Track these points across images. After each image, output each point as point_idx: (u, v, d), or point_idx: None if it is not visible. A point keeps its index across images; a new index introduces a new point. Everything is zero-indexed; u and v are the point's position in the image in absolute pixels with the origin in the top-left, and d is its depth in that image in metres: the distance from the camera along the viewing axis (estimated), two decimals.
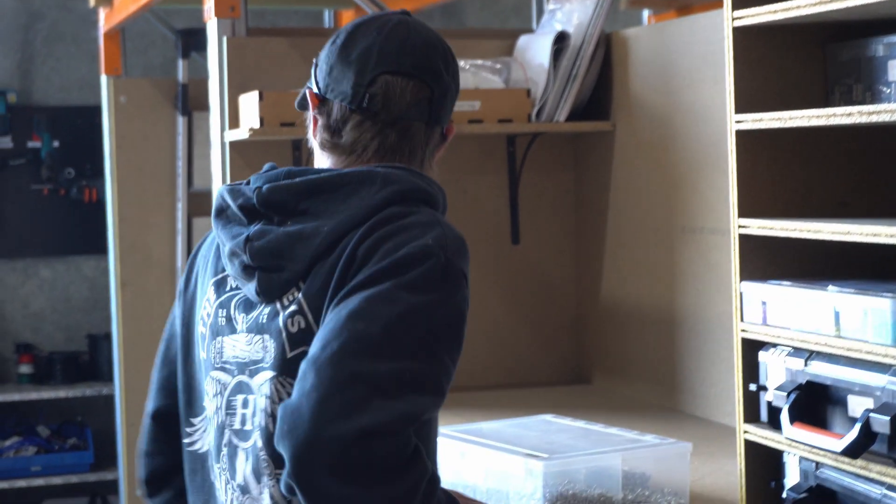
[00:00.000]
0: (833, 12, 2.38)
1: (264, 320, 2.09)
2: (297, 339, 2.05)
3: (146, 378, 5.83)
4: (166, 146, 5.95)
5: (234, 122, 4.05)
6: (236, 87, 4.06)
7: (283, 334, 2.07)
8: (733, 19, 2.61)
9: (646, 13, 5.80)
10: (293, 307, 2.05)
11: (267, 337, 2.09)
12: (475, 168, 4.28)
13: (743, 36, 2.62)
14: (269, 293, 2.09)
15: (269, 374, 2.08)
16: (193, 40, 5.85)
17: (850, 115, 2.31)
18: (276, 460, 2.06)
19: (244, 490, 2.11)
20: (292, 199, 2.09)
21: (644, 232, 3.96)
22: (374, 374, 1.87)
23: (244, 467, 2.12)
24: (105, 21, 5.92)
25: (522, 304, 4.35)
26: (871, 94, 2.54)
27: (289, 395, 2.02)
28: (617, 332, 4.14)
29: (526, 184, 4.30)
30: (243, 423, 2.12)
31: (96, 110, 6.32)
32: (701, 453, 3.27)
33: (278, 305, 2.08)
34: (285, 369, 2.07)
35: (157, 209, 5.92)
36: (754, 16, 2.55)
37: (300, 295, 2.05)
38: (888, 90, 2.49)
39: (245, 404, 2.12)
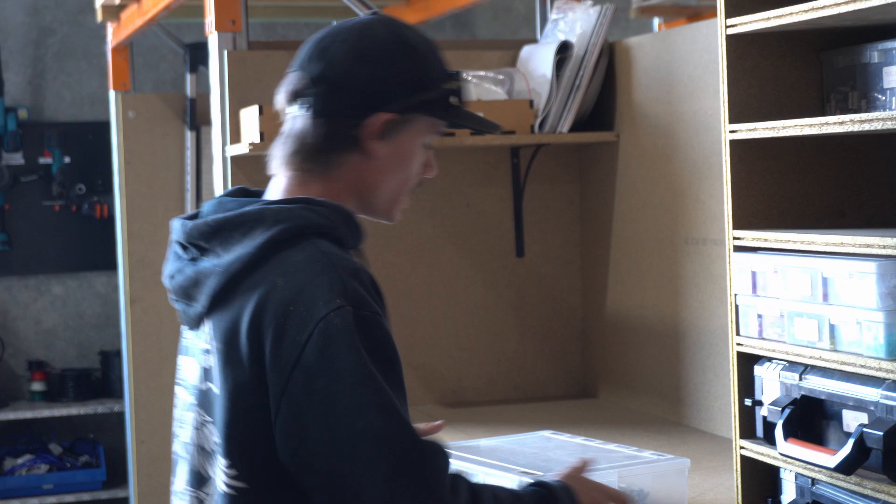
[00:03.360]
0: (826, 18, 2.33)
1: (193, 346, 2.16)
2: (207, 376, 2.10)
3: (156, 395, 5.87)
4: (175, 161, 5.93)
5: (236, 137, 4.02)
6: (237, 102, 4.04)
7: (199, 366, 2.13)
8: (727, 27, 2.56)
9: (656, 21, 5.76)
10: (206, 345, 2.09)
11: (193, 361, 2.15)
12: (479, 180, 4.24)
13: (736, 44, 2.58)
14: (189, 323, 2.16)
15: (192, 399, 2.16)
16: (201, 54, 5.82)
17: (842, 123, 2.26)
18: (197, 479, 2.15)
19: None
20: (203, 237, 2.10)
21: (648, 243, 3.91)
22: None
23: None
24: (113, 36, 5.90)
25: (528, 318, 4.30)
26: (866, 102, 2.48)
27: (203, 424, 2.11)
28: (622, 344, 4.09)
29: (531, 195, 4.26)
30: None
31: (107, 126, 6.30)
32: (703, 468, 3.22)
33: (199, 337, 2.13)
34: (199, 398, 2.13)
35: (166, 225, 5.82)
36: (747, 23, 2.51)
37: (209, 335, 2.08)
38: (883, 97, 2.44)
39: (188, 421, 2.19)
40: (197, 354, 2.12)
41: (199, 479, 2.12)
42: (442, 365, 4.22)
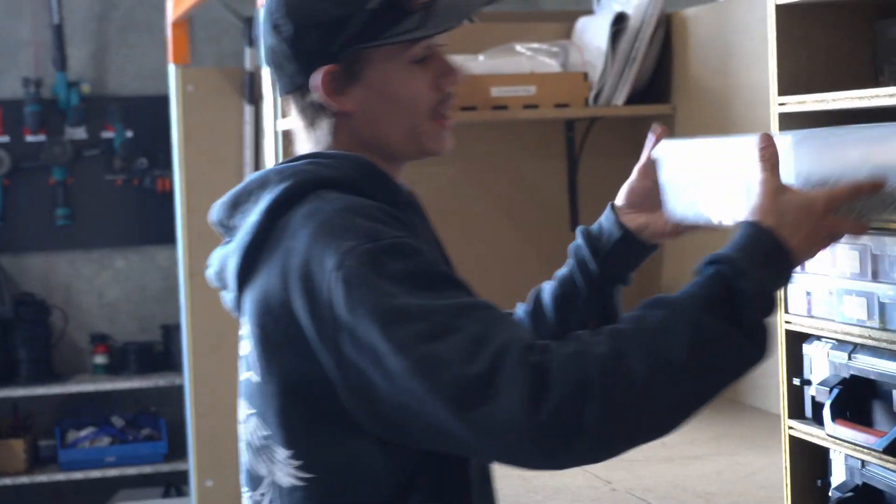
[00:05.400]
0: None
1: (241, 335, 2.00)
2: (246, 363, 1.96)
3: (216, 369, 5.88)
4: (234, 136, 5.91)
5: (287, 111, 3.99)
6: None
7: (240, 354, 1.99)
8: None
9: None
10: (243, 330, 1.96)
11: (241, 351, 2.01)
12: (532, 154, 4.19)
13: (786, 14, 2.51)
14: (233, 311, 2.01)
15: (241, 392, 2.02)
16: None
17: (893, 95, 2.19)
18: (251, 480, 1.99)
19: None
20: (227, 216, 1.98)
21: None
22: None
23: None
24: (173, 9, 5.89)
25: None
26: None
27: (247, 417, 1.96)
28: None
29: (586, 169, 4.21)
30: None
31: (169, 100, 6.29)
32: (757, 447, 3.18)
33: (242, 324, 1.98)
34: (243, 390, 1.99)
35: None
36: None
37: (244, 318, 1.94)
38: None
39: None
40: (241, 343, 1.98)
41: (253, 480, 1.96)
42: None
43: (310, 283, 1.80)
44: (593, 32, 4.02)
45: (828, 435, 2.35)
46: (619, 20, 3.97)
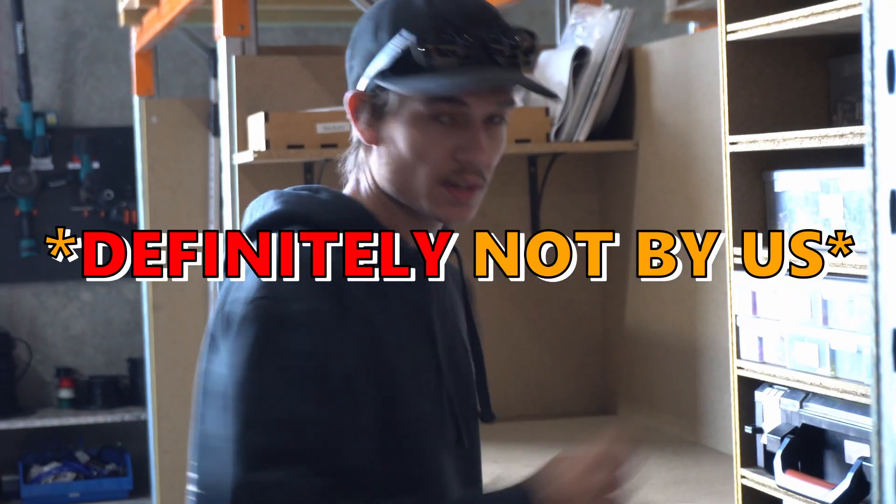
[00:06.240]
0: (827, 24, 2.21)
1: None
2: None
3: (180, 404, 5.78)
4: (199, 167, 5.84)
5: (244, 145, 3.92)
6: (246, 108, 3.94)
7: None
8: (727, 33, 2.44)
9: (692, 26, 5.62)
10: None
11: None
12: (495, 189, 4.05)
13: (738, 51, 2.45)
14: None
15: None
16: None
17: (843, 136, 2.13)
18: None
19: None
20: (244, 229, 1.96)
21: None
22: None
23: None
24: (136, 40, 5.82)
25: (546, 332, 4.17)
26: None
27: None
28: (642, 360, 3.96)
29: (548, 205, 4.13)
30: None
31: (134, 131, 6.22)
32: (715, 493, 3.09)
33: None
34: None
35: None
36: (748, 29, 2.38)
37: None
38: None
39: None
40: None
41: None
42: None
43: (228, 308, 1.78)
44: (555, 67, 3.96)
45: (778, 486, 2.28)
46: (581, 54, 3.90)
